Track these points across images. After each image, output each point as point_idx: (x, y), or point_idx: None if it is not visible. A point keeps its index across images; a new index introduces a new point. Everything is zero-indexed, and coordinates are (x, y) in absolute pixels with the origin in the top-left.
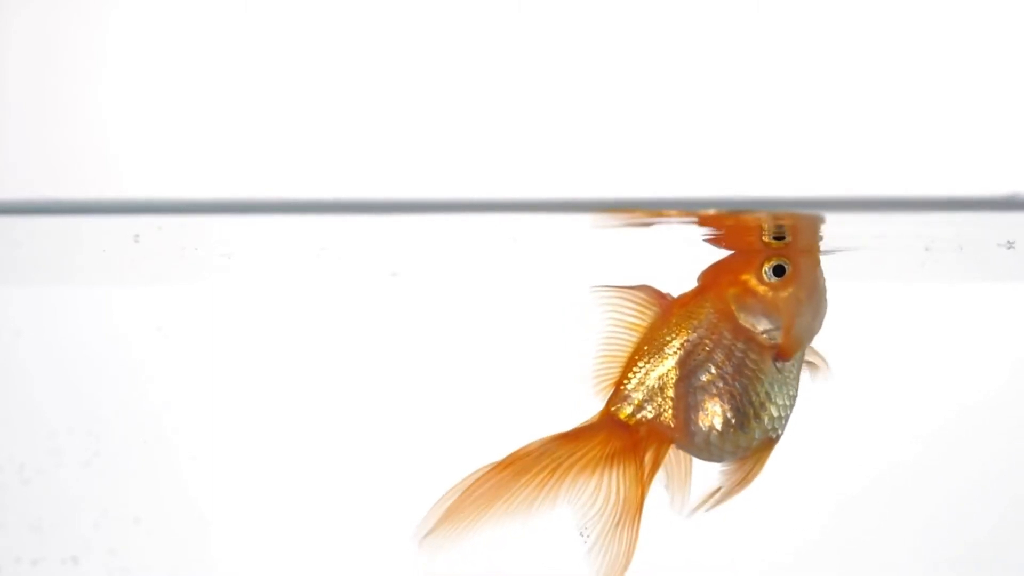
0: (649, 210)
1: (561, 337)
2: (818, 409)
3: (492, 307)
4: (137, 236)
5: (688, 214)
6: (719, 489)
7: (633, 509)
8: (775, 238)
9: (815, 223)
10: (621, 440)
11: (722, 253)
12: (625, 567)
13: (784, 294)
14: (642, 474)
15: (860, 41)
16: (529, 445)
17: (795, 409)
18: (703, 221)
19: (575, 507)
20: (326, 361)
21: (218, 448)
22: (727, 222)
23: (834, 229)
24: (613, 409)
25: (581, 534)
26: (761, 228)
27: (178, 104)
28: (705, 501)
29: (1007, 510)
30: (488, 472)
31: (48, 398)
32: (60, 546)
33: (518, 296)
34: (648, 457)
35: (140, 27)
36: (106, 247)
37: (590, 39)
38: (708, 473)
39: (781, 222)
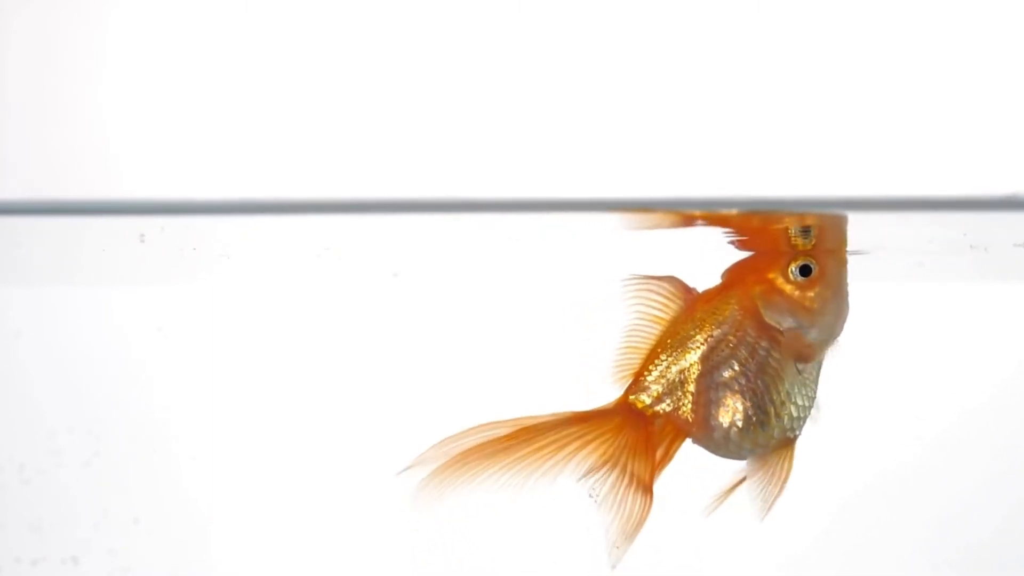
0: (650, 210)
1: (564, 337)
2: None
3: (494, 307)
4: (142, 236)
5: (705, 215)
6: (730, 491)
7: (643, 492)
8: (801, 231)
9: (841, 223)
10: (635, 429)
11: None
12: (632, 538)
13: (810, 294)
14: (653, 464)
15: (866, 40)
16: (539, 417)
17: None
18: (714, 221)
19: (580, 483)
20: (327, 362)
21: (218, 448)
22: (737, 222)
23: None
24: (632, 398)
25: (590, 495)
26: (787, 227)
27: (179, 104)
28: (720, 501)
29: (1009, 511)
30: (492, 436)
31: (48, 398)
32: (60, 546)
33: (520, 296)
34: (660, 451)
35: (141, 27)
36: (107, 247)
37: (594, 36)
38: (711, 469)
39: (806, 223)
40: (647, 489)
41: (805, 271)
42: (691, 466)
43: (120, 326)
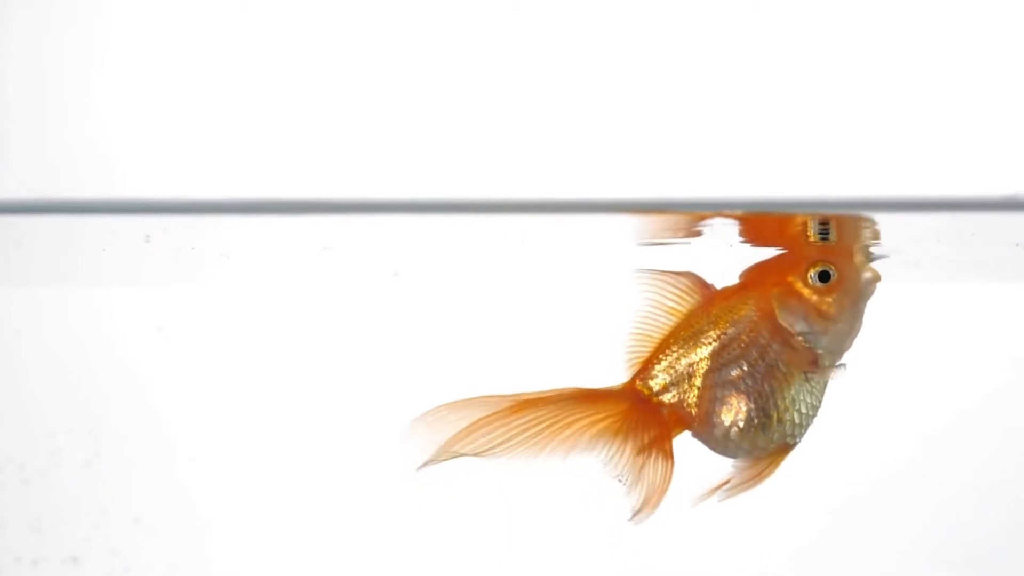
0: (656, 211)
1: (566, 337)
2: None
3: (495, 307)
4: (148, 236)
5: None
6: (726, 483)
7: (663, 458)
8: (820, 232)
9: (860, 224)
10: (642, 414)
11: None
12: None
13: (828, 299)
14: (666, 435)
15: (866, 41)
16: (545, 393)
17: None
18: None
19: (596, 463)
20: (327, 361)
21: (218, 448)
22: (752, 222)
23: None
24: (638, 384)
25: (619, 480)
26: (805, 222)
27: (180, 104)
28: (711, 493)
29: (1009, 511)
30: (498, 412)
31: (48, 398)
32: (60, 546)
33: (522, 296)
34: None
35: (141, 27)
36: (107, 247)
37: (597, 33)
38: (707, 466)
39: (825, 220)
40: (667, 455)
41: (824, 277)
42: (689, 462)
43: (120, 326)
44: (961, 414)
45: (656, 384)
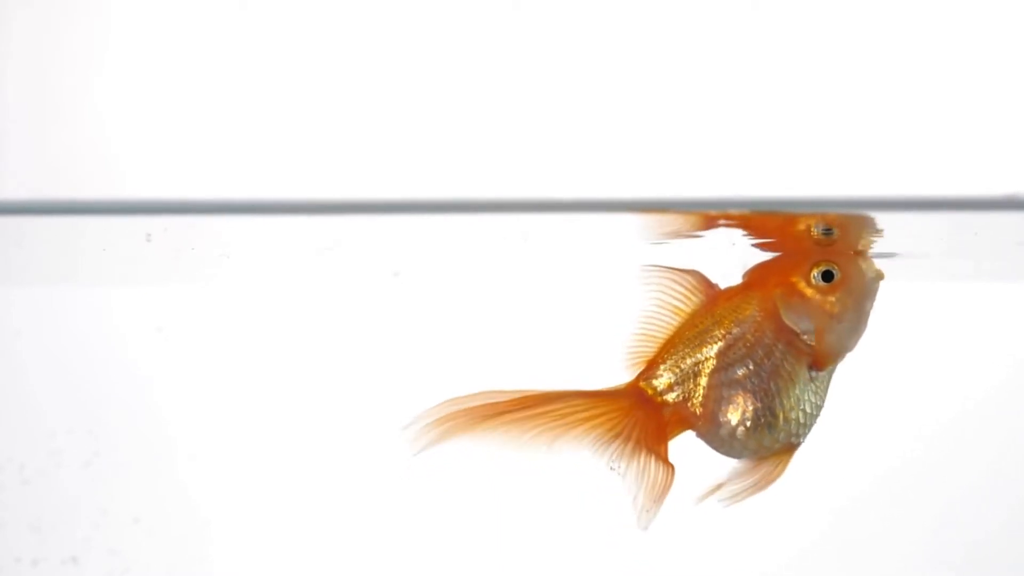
0: (654, 209)
1: (565, 338)
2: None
3: (496, 307)
4: (149, 236)
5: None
6: (721, 485)
7: (660, 461)
8: (824, 232)
9: (863, 224)
10: (644, 413)
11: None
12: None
13: (831, 298)
14: (664, 439)
15: (866, 41)
16: (547, 391)
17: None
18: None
19: (597, 458)
20: (327, 361)
21: (218, 448)
22: (758, 222)
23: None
24: (642, 384)
25: (612, 468)
26: (809, 226)
27: (180, 104)
28: (710, 494)
29: (1010, 511)
30: (498, 403)
31: (48, 398)
32: (60, 546)
33: (522, 296)
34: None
35: (142, 28)
36: (108, 247)
37: (598, 32)
38: (708, 466)
39: (829, 221)
40: (666, 456)
41: (827, 276)
42: (691, 462)
43: (120, 326)
44: (961, 414)
45: (660, 383)
